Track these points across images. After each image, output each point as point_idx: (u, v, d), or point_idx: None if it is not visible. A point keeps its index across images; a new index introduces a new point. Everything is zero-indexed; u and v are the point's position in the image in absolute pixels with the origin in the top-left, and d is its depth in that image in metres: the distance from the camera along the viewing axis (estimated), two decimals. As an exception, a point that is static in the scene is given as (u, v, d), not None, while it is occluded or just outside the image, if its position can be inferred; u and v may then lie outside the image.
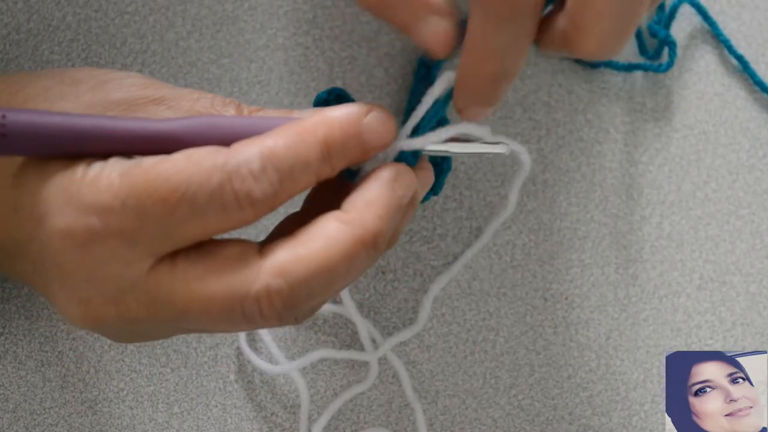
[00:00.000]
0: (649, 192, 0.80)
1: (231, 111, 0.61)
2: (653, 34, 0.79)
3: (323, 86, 0.79)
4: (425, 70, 0.78)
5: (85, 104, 0.60)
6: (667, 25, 0.79)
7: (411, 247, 0.79)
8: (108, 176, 0.56)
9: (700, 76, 0.81)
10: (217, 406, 0.78)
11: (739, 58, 0.80)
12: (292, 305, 0.58)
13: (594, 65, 0.79)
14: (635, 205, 0.80)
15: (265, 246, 0.58)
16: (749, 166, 0.80)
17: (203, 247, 0.58)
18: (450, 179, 0.79)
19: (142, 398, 0.77)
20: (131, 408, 0.77)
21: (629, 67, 0.79)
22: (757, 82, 0.80)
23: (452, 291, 0.79)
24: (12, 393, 0.77)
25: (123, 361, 0.77)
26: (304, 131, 0.58)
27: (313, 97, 0.79)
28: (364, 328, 0.77)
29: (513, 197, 0.76)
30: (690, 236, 0.80)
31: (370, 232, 0.58)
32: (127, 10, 0.79)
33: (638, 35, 0.80)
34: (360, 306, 0.78)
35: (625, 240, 0.79)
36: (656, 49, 0.79)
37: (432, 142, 0.62)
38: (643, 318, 0.79)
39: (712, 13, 0.80)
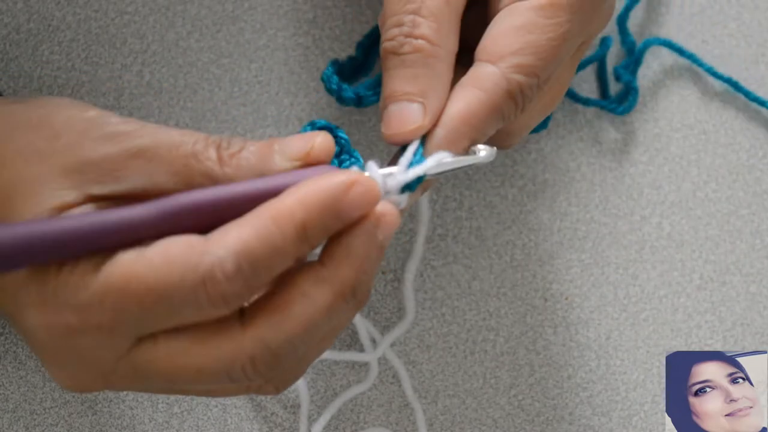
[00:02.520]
0: (649, 192, 0.80)
1: (212, 154, 0.59)
2: (618, 78, 0.79)
3: (323, 86, 0.79)
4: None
5: (63, 169, 0.58)
6: (634, 70, 0.79)
7: (411, 247, 0.79)
8: (82, 275, 0.57)
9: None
10: (217, 406, 0.78)
11: (728, 81, 0.80)
12: (276, 365, 0.59)
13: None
14: (635, 205, 0.80)
15: (245, 313, 0.58)
16: (749, 166, 0.80)
17: None
18: (450, 179, 0.79)
19: (142, 398, 0.77)
20: (131, 408, 0.77)
21: (587, 102, 0.79)
22: (753, 99, 0.80)
23: (452, 291, 0.79)
24: (12, 393, 0.77)
25: (123, 361, 0.77)
26: (281, 218, 0.56)
27: (313, 97, 0.79)
28: (363, 328, 0.77)
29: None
30: (690, 236, 0.80)
31: (349, 286, 0.58)
32: (127, 10, 0.79)
33: (603, 79, 0.80)
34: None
35: (625, 240, 0.79)
36: (621, 93, 0.79)
37: (431, 167, 0.62)
38: (643, 318, 0.79)
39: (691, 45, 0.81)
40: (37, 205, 0.58)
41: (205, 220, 0.57)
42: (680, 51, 0.80)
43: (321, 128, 0.63)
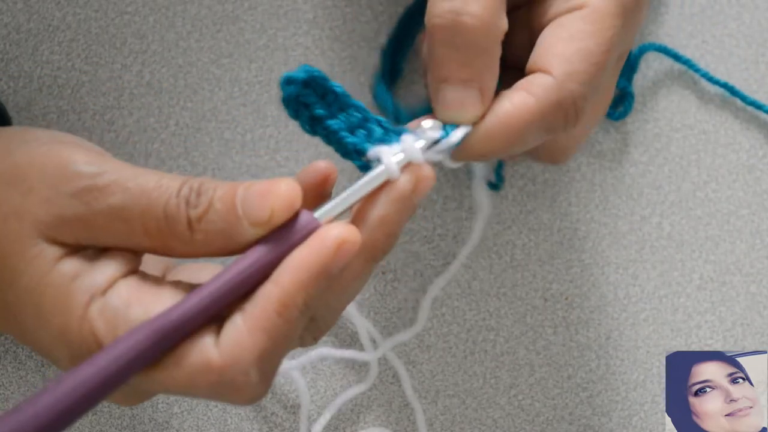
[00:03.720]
0: (649, 192, 0.80)
1: (183, 218, 0.58)
2: None
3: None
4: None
5: (40, 228, 0.58)
6: (630, 76, 0.79)
7: (411, 247, 0.79)
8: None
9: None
10: (217, 406, 0.78)
11: (724, 85, 0.80)
12: (314, 325, 0.61)
13: None
14: (635, 205, 0.80)
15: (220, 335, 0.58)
16: (749, 166, 0.80)
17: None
18: (450, 179, 0.79)
19: (142, 398, 0.77)
20: (131, 408, 0.77)
21: None
22: (750, 102, 0.80)
23: (452, 291, 0.79)
24: (12, 393, 0.77)
25: (123, 361, 0.77)
26: (285, 310, 0.57)
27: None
28: (363, 328, 0.77)
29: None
30: (690, 236, 0.80)
31: (380, 249, 0.60)
32: (127, 10, 0.80)
33: None
34: (360, 306, 0.78)
35: (625, 240, 0.79)
36: (616, 98, 0.79)
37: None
38: (643, 318, 0.79)
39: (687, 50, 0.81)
40: (34, 261, 0.58)
41: (208, 317, 0.58)
42: (676, 56, 0.80)
43: (310, 75, 0.60)
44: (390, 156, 0.60)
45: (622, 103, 0.79)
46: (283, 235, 0.58)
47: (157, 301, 0.58)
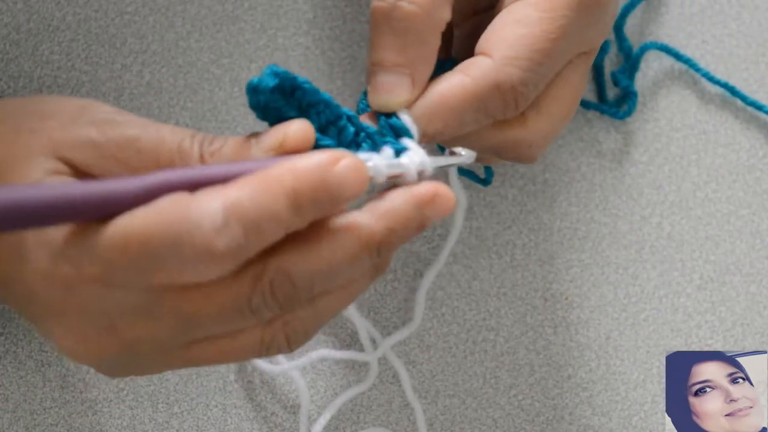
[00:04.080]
0: (649, 192, 0.80)
1: (195, 153, 0.58)
2: (615, 83, 0.79)
3: (323, 86, 0.79)
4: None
5: (53, 145, 0.59)
6: (632, 75, 0.79)
7: (411, 247, 0.79)
8: (75, 235, 0.57)
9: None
10: (217, 406, 0.78)
11: (724, 86, 0.80)
12: (294, 297, 0.58)
13: None
14: (635, 205, 0.80)
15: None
16: (749, 166, 0.80)
17: None
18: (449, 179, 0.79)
19: (142, 398, 0.77)
20: (131, 408, 0.77)
21: (587, 105, 0.79)
22: (750, 103, 0.80)
23: (452, 291, 0.79)
24: (12, 393, 0.77)
25: (123, 361, 0.77)
26: (271, 180, 0.56)
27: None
28: (363, 328, 0.77)
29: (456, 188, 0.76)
30: (690, 236, 0.80)
31: (377, 241, 0.58)
32: (127, 10, 0.79)
33: (600, 83, 0.80)
34: (360, 306, 0.78)
35: (625, 240, 0.79)
36: (619, 97, 0.79)
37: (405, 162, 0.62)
38: (643, 318, 0.79)
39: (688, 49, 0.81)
40: (32, 170, 0.58)
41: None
42: (677, 56, 0.80)
43: (277, 80, 0.60)
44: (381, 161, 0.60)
45: (625, 102, 0.79)
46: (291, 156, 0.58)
47: None
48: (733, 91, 0.80)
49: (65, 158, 0.59)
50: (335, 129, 0.61)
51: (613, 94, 0.80)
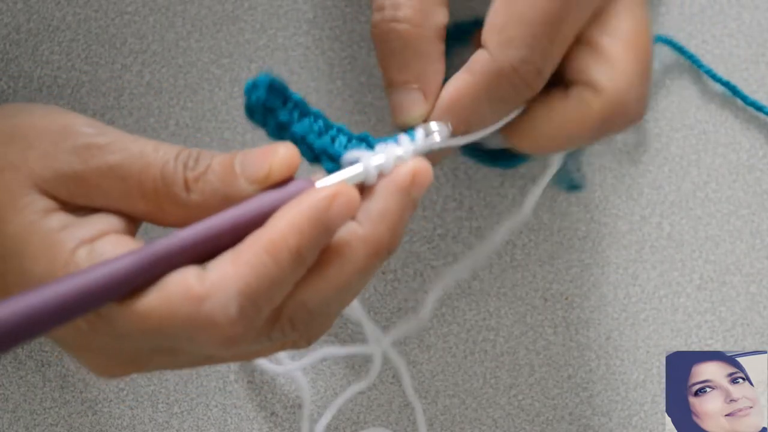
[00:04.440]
0: (649, 192, 0.80)
1: (179, 178, 0.58)
2: None
3: (323, 86, 0.79)
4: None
5: (36, 180, 0.58)
6: None
7: (411, 247, 0.79)
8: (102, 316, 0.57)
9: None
10: (217, 406, 0.78)
11: (726, 84, 0.80)
12: (312, 321, 0.59)
13: None
14: (635, 205, 0.80)
15: None
16: (749, 166, 0.80)
17: None
18: (450, 179, 0.79)
19: (142, 398, 0.77)
20: (131, 408, 0.77)
21: None
22: (750, 103, 0.79)
23: (452, 291, 0.79)
24: (12, 393, 0.77)
25: (123, 361, 0.77)
26: (275, 249, 0.55)
27: (313, 97, 0.79)
28: (366, 320, 0.77)
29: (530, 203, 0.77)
30: (690, 236, 0.80)
31: (384, 246, 0.59)
32: (127, 10, 0.79)
33: None
34: (360, 306, 0.78)
35: (625, 240, 0.79)
36: None
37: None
38: (643, 318, 0.79)
39: (692, 45, 0.80)
40: (23, 211, 0.58)
41: (196, 256, 0.56)
42: (681, 50, 0.80)
43: (273, 80, 0.60)
44: (371, 159, 0.60)
45: None
46: (280, 192, 0.58)
47: None
48: (734, 90, 0.79)
49: (49, 193, 0.58)
50: (328, 137, 0.62)
51: None
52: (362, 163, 0.60)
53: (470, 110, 0.64)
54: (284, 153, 0.58)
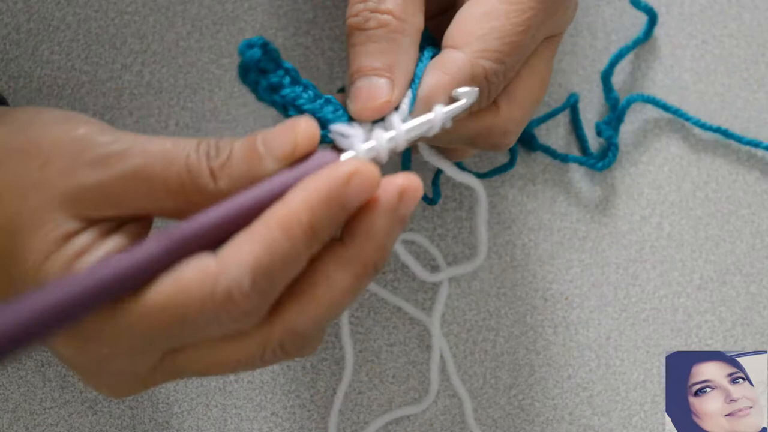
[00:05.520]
0: (649, 192, 0.80)
1: (204, 169, 0.58)
2: (598, 133, 0.79)
3: (323, 86, 0.79)
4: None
5: (61, 199, 0.58)
6: (617, 127, 0.79)
7: (411, 248, 0.79)
8: (108, 316, 0.57)
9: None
10: (217, 406, 0.78)
11: (717, 130, 0.79)
12: (304, 344, 0.60)
13: (533, 148, 0.79)
14: (635, 205, 0.80)
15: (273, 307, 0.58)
16: (749, 166, 0.80)
17: None
18: (450, 179, 0.79)
19: (142, 398, 0.77)
20: (131, 408, 0.77)
21: (565, 158, 0.79)
22: (747, 142, 0.79)
23: (452, 291, 0.79)
24: (12, 393, 0.77)
25: (123, 361, 0.77)
26: (288, 225, 0.56)
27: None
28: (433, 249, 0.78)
29: (482, 235, 0.77)
30: (690, 236, 0.80)
31: (371, 265, 0.59)
32: (127, 10, 0.80)
33: (581, 136, 0.80)
34: (360, 306, 0.78)
35: (625, 240, 0.79)
36: (603, 149, 0.79)
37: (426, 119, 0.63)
38: (643, 318, 0.79)
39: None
40: (44, 239, 0.57)
41: (214, 239, 0.56)
42: (665, 107, 0.79)
43: (267, 43, 0.60)
44: (363, 145, 0.61)
45: (607, 154, 0.79)
46: (302, 167, 0.58)
47: None
48: (726, 134, 0.79)
49: (75, 211, 0.58)
50: (318, 104, 0.62)
51: (597, 144, 0.80)
52: (356, 148, 0.60)
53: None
54: (306, 127, 0.58)
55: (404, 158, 0.73)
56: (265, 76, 0.60)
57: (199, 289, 0.56)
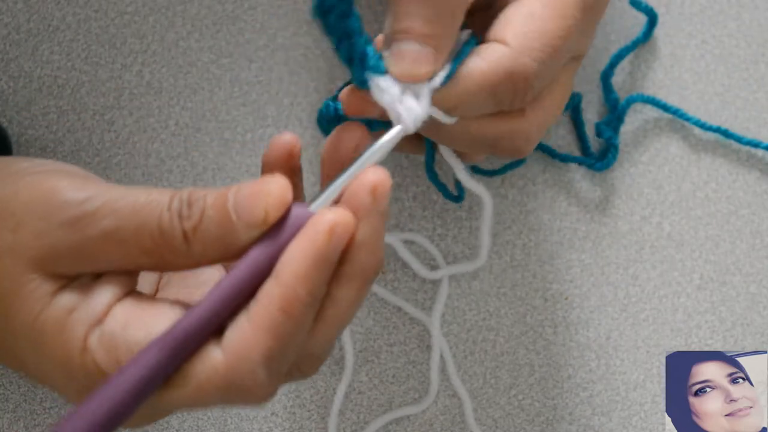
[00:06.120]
0: (649, 192, 0.80)
1: (177, 231, 0.57)
2: (598, 134, 0.79)
3: (323, 86, 0.79)
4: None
5: (35, 263, 0.57)
6: (617, 127, 0.79)
7: (411, 248, 0.79)
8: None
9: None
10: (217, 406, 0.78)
11: (717, 130, 0.79)
12: (319, 363, 0.61)
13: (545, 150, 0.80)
14: (635, 205, 0.80)
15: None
16: (749, 166, 0.80)
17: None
18: (450, 179, 0.79)
19: (142, 398, 0.77)
20: (131, 408, 0.77)
21: (565, 158, 0.79)
22: (747, 142, 0.79)
23: (452, 291, 0.79)
24: (12, 393, 0.77)
25: (123, 361, 0.77)
26: (289, 306, 0.56)
27: (313, 97, 0.79)
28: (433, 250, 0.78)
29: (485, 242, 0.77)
30: (690, 236, 0.80)
31: (370, 271, 0.58)
32: (127, 10, 0.80)
33: (582, 136, 0.80)
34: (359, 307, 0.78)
35: (625, 240, 0.79)
36: (603, 150, 0.79)
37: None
38: (643, 318, 0.79)
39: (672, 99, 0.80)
40: (29, 297, 0.57)
41: (214, 326, 0.57)
42: (665, 107, 0.79)
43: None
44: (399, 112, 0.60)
45: (606, 155, 0.79)
46: (278, 231, 0.57)
47: (155, 319, 0.57)
48: (726, 134, 0.79)
49: (50, 271, 0.58)
50: (372, 48, 0.62)
51: (598, 144, 0.80)
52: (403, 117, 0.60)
53: (470, 95, 0.63)
54: (276, 191, 0.57)
55: (428, 156, 0.73)
56: (339, 6, 0.60)
57: (216, 391, 0.56)
